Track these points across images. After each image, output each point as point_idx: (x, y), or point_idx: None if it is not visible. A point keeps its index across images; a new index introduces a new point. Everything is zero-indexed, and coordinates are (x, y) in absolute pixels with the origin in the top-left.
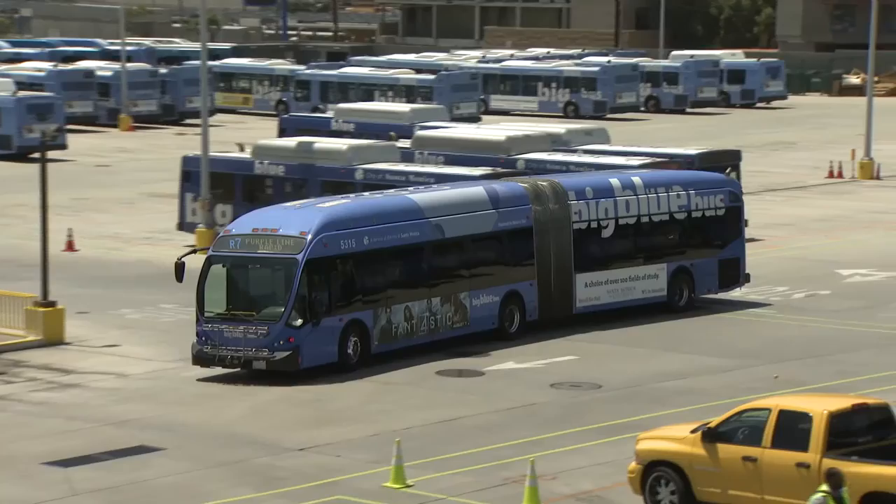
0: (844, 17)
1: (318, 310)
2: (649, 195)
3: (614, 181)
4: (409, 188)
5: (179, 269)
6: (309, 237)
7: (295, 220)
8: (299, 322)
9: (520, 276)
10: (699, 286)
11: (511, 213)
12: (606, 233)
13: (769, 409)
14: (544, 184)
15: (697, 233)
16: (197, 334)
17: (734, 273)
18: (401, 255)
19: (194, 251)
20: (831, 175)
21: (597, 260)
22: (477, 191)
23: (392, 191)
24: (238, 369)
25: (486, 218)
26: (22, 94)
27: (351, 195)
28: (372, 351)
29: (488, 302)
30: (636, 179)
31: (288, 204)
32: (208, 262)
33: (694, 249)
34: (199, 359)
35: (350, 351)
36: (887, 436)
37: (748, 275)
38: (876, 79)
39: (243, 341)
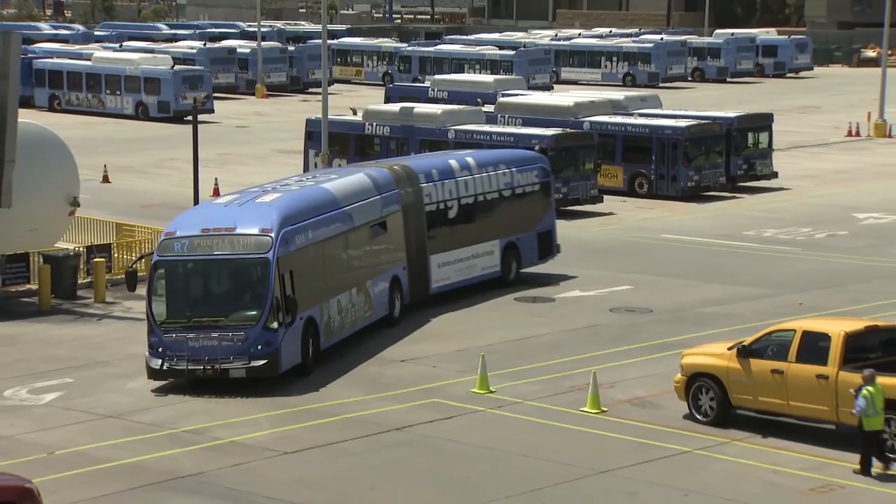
0: (864, 0)
1: (293, 310)
2: (482, 174)
3: (453, 162)
4: (313, 177)
5: (131, 277)
6: (273, 234)
7: (248, 218)
8: (275, 325)
9: (398, 260)
10: (524, 259)
11: (389, 199)
12: (451, 213)
13: (794, 330)
14: (398, 168)
15: (520, 209)
16: (151, 346)
17: (549, 245)
18: (332, 247)
19: (142, 257)
20: (850, 134)
21: (445, 241)
22: (363, 178)
23: (295, 178)
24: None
25: (376, 204)
26: (178, 67)
27: (268, 186)
28: (321, 348)
29: (383, 288)
30: (470, 160)
31: (219, 201)
32: (156, 268)
33: (518, 225)
34: (162, 373)
35: (310, 351)
36: (894, 353)
37: (559, 245)
38: (890, 52)
39: (218, 349)
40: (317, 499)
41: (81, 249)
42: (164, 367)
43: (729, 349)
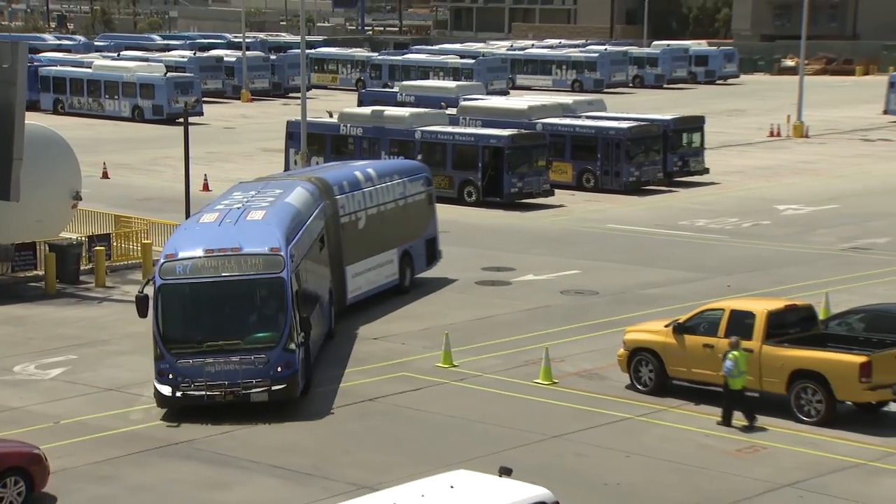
0: (783, 15)
1: (307, 329)
2: (382, 185)
3: (358, 174)
4: (262, 190)
5: (142, 302)
6: (283, 253)
7: (253, 237)
8: (293, 345)
9: (328, 273)
10: (417, 266)
11: (322, 210)
12: (360, 224)
13: (723, 309)
14: (316, 180)
15: (412, 217)
16: (160, 374)
17: (434, 251)
18: (307, 262)
19: (149, 281)
20: (772, 134)
21: (356, 251)
22: (304, 191)
23: (239, 193)
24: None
25: (319, 217)
26: (170, 74)
27: (229, 201)
28: (311, 362)
29: (326, 301)
30: (371, 171)
31: (206, 220)
32: (162, 293)
33: (411, 233)
34: (176, 400)
35: (308, 368)
36: (810, 328)
37: (440, 251)
38: (806, 62)
39: (239, 373)
40: (298, 462)
41: (83, 239)
42: (178, 395)
43: (666, 326)
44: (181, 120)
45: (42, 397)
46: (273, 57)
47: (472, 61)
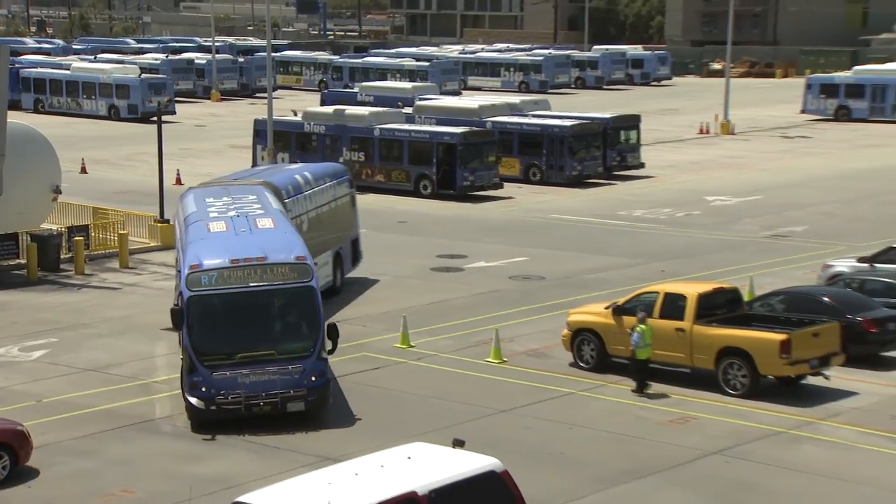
0: (710, 22)
1: (335, 337)
2: (318, 188)
3: (298, 177)
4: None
5: (179, 315)
6: (309, 262)
7: (276, 246)
8: (325, 354)
9: None
10: (345, 268)
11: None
12: (304, 227)
13: (658, 292)
14: (266, 184)
15: (340, 219)
16: (193, 387)
17: (357, 252)
18: None
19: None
20: (701, 132)
21: None
22: (270, 194)
23: (212, 200)
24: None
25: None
26: (144, 76)
27: (221, 207)
28: None
29: None
30: (308, 174)
31: (216, 229)
32: (194, 304)
33: (340, 235)
34: (210, 413)
35: None
36: (736, 309)
37: (361, 252)
38: (732, 65)
39: (277, 383)
40: (266, 437)
41: (63, 230)
42: (213, 408)
43: (606, 308)
44: (155, 118)
45: (25, 377)
46: (241, 60)
47: (426, 64)
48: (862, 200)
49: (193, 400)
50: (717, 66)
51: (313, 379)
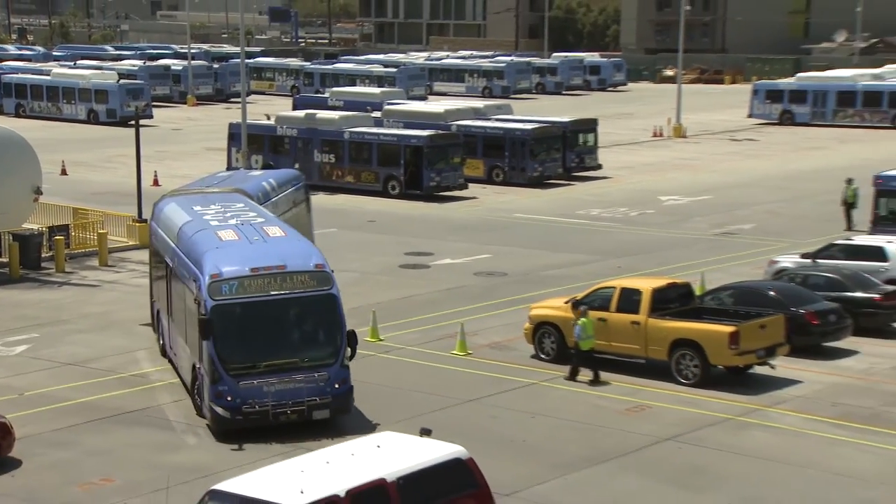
0: (663, 31)
1: (354, 345)
2: (282, 194)
3: (265, 184)
4: (229, 204)
5: (209, 325)
6: (327, 269)
7: (293, 254)
8: (347, 361)
9: None
10: None
11: None
12: None
13: (615, 287)
14: (240, 191)
15: (300, 224)
16: (218, 396)
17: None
18: None
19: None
20: (655, 135)
21: None
22: (251, 201)
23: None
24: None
25: None
26: (122, 81)
27: (217, 215)
28: None
29: None
30: (272, 181)
31: (227, 238)
32: (218, 313)
33: None
34: (235, 422)
35: None
36: (688, 303)
37: None
38: (683, 72)
39: (304, 391)
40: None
41: (44, 229)
42: (239, 417)
43: (565, 303)
44: (133, 122)
45: (7, 371)
46: (216, 66)
47: (394, 70)
48: (804, 200)
49: (219, 409)
50: (669, 72)
51: (336, 386)
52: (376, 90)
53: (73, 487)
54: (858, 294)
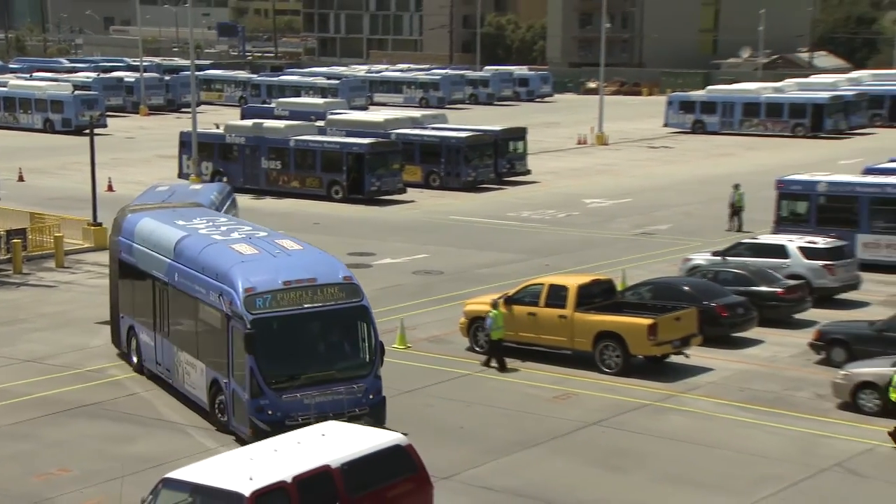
0: (586, 47)
1: (382, 355)
2: (224, 206)
3: (212, 196)
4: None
5: (253, 339)
6: (355, 281)
7: (321, 266)
8: (380, 371)
9: None
10: None
11: None
12: None
13: (543, 284)
14: (198, 204)
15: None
16: (259, 410)
17: None
18: None
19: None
20: (579, 142)
21: None
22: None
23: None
24: None
25: None
26: (77, 92)
27: (233, 227)
28: None
29: None
30: (215, 193)
31: (247, 251)
32: (257, 328)
33: None
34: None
35: None
36: (610, 298)
37: None
38: (605, 84)
39: (344, 403)
40: (193, 418)
41: (2, 233)
42: (282, 431)
43: (498, 298)
44: (87, 131)
45: None
46: (167, 78)
47: (336, 82)
48: (715, 202)
49: (261, 424)
50: (592, 84)
51: (372, 397)
52: (320, 101)
53: (31, 478)
54: (763, 288)
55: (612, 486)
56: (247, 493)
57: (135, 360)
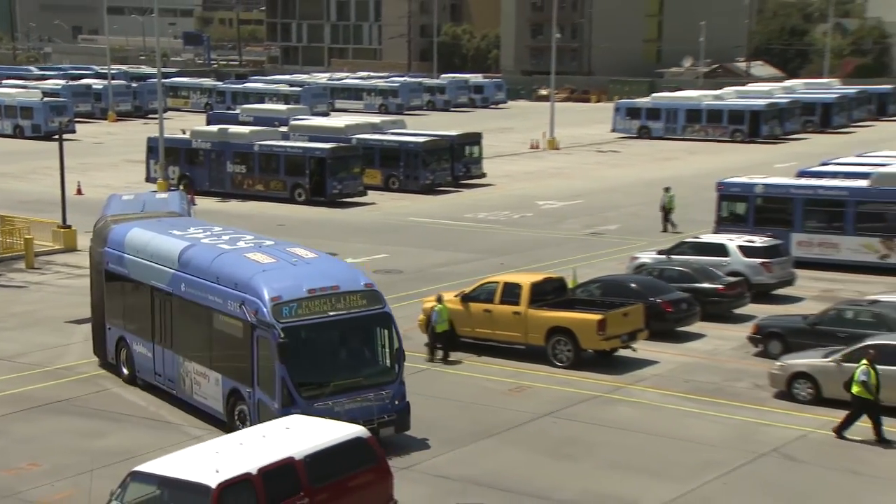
0: (537, 56)
1: (403, 361)
2: (189, 210)
3: (181, 206)
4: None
5: (287, 348)
6: (376, 288)
7: (342, 274)
8: (403, 377)
9: None
10: None
11: None
12: None
13: (498, 282)
14: (175, 213)
15: None
16: None
17: None
18: None
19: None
20: (532, 147)
21: None
22: None
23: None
24: None
25: None
26: (46, 99)
27: (246, 238)
28: None
29: None
30: (182, 202)
31: (266, 260)
32: (288, 336)
33: None
34: None
35: None
36: (562, 295)
37: None
38: (555, 91)
39: (374, 409)
40: (161, 413)
41: None
42: None
43: (455, 296)
44: (56, 136)
45: None
46: (134, 85)
47: (299, 89)
48: (674, 202)
49: None
50: (543, 92)
51: (397, 403)
52: (283, 107)
53: (1, 472)
54: (705, 285)
55: (563, 474)
56: (213, 484)
57: (125, 371)
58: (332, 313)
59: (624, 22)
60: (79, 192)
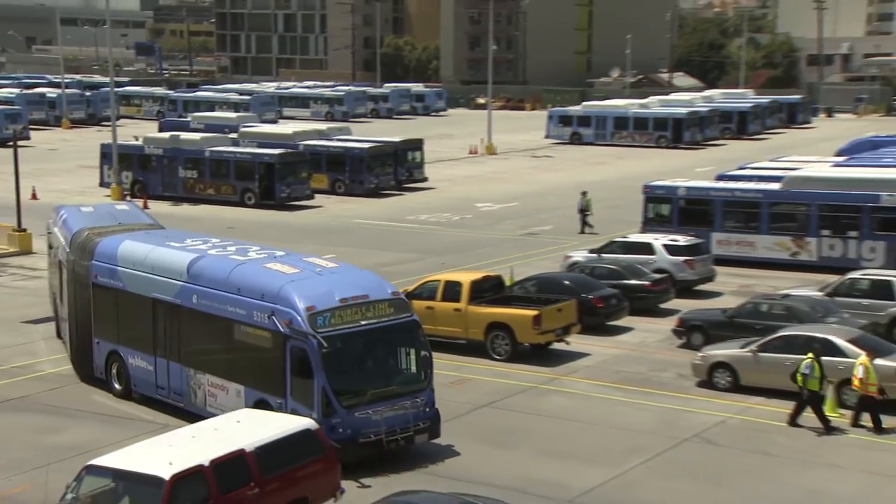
0: (475, 66)
1: (432, 369)
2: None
3: (146, 216)
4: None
5: (327, 357)
6: (402, 296)
7: (370, 283)
8: (433, 384)
9: None
10: None
11: None
12: None
13: (440, 280)
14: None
15: None
16: (331, 429)
17: None
18: None
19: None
20: (471, 152)
21: None
22: None
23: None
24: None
25: None
26: (1, 107)
27: (274, 254)
28: None
29: None
30: (144, 214)
31: (290, 271)
32: (326, 346)
33: None
34: (353, 453)
35: None
36: (500, 292)
37: None
38: (492, 100)
39: (410, 417)
40: (116, 409)
41: None
42: (355, 448)
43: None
44: (11, 143)
45: None
46: (88, 93)
47: (248, 97)
48: (591, 205)
49: (334, 444)
50: (481, 100)
51: (428, 410)
52: (233, 115)
53: None
54: (633, 281)
55: (501, 461)
56: (166, 476)
57: (117, 385)
58: (363, 322)
59: (556, 35)
60: (34, 196)
